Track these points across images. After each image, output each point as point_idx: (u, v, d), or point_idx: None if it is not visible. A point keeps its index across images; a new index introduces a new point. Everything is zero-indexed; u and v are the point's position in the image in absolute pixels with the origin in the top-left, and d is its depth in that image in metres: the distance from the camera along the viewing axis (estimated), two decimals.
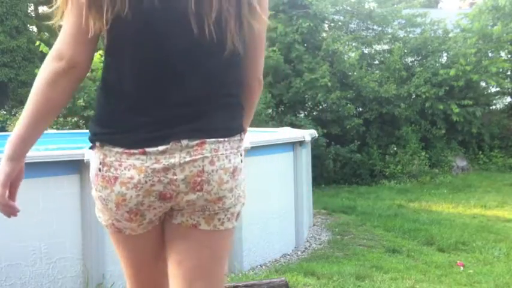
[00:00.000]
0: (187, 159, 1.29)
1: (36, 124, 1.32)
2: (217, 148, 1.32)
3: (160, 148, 1.27)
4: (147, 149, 1.27)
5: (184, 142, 1.28)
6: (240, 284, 3.25)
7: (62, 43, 1.28)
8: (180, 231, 1.39)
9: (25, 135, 1.33)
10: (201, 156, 1.30)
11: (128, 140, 1.28)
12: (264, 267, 4.39)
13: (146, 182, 1.28)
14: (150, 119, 1.29)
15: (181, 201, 1.33)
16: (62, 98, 1.31)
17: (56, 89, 1.28)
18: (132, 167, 1.28)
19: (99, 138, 1.31)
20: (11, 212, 1.33)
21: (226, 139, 1.34)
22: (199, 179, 1.31)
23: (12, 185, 1.33)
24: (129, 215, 1.33)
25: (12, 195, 1.33)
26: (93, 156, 1.35)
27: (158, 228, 1.42)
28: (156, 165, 1.28)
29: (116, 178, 1.29)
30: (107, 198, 1.32)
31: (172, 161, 1.28)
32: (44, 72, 1.28)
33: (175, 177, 1.29)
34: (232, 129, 1.37)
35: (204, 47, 1.28)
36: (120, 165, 1.29)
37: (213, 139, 1.32)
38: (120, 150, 1.28)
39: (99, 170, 1.31)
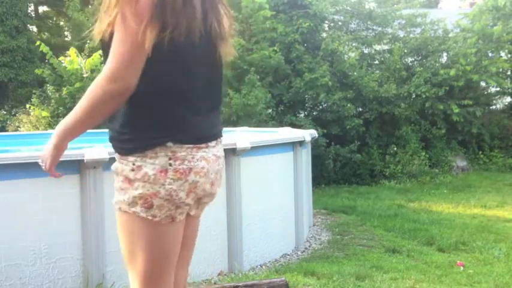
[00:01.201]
0: (222, 153, 1.70)
1: (83, 129, 1.56)
2: (222, 146, 1.74)
3: (213, 143, 1.64)
4: (209, 144, 1.61)
5: (220, 139, 1.69)
6: (240, 284, 3.25)
7: (118, 64, 1.43)
8: (191, 221, 1.72)
9: (70, 135, 1.58)
10: (223, 153, 1.73)
11: (196, 137, 1.57)
12: (264, 267, 4.39)
13: (210, 170, 1.61)
14: (208, 120, 1.62)
15: (214, 188, 1.67)
16: (109, 113, 1.53)
17: (108, 108, 1.49)
18: (203, 158, 1.58)
19: (170, 139, 1.52)
20: (57, 174, 1.68)
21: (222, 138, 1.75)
22: (221, 170, 1.71)
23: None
24: (192, 200, 1.60)
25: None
26: (149, 158, 1.52)
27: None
28: (213, 157, 1.63)
29: (190, 169, 1.55)
30: (179, 189, 1.54)
31: (218, 153, 1.66)
32: (98, 91, 1.46)
33: (218, 167, 1.67)
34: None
35: (218, 65, 1.67)
36: (192, 158, 1.55)
37: (222, 138, 1.72)
38: (190, 146, 1.55)
39: (170, 165, 1.52)
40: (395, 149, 10.79)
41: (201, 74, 1.59)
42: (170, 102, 1.53)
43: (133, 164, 1.53)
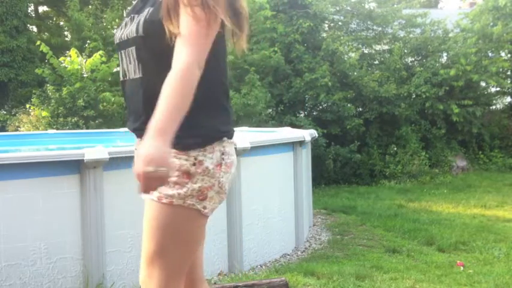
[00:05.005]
0: None
1: (178, 122, 1.42)
2: None
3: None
4: (234, 139, 1.71)
5: None
6: (240, 284, 3.25)
7: (202, 55, 1.49)
8: None
9: (172, 129, 1.40)
10: None
11: (233, 133, 1.69)
12: (264, 267, 4.39)
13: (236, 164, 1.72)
14: (232, 118, 1.73)
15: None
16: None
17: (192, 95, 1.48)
18: (234, 153, 1.69)
19: (225, 134, 1.63)
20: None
21: None
22: None
23: None
24: (226, 192, 1.68)
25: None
26: (208, 152, 1.58)
27: None
28: (235, 151, 1.73)
29: (232, 163, 1.66)
30: (226, 181, 1.64)
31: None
32: (192, 78, 1.45)
33: (236, 161, 1.73)
34: None
35: None
36: (233, 152, 1.67)
37: None
38: (231, 141, 1.66)
39: (223, 159, 1.61)
40: (395, 149, 10.79)
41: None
42: (224, 98, 1.66)
43: (195, 159, 1.56)
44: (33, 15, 17.66)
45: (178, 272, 1.65)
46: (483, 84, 11.92)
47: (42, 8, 18.89)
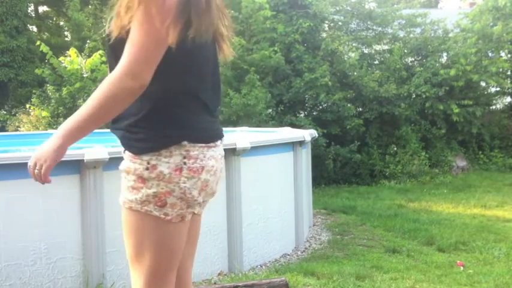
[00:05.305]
0: (223, 153, 1.74)
1: (89, 130, 1.50)
2: None
3: (218, 142, 1.67)
4: (216, 143, 1.65)
5: (223, 139, 1.72)
6: (240, 284, 3.25)
7: (136, 61, 1.41)
8: (195, 219, 1.74)
9: (77, 135, 1.50)
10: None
11: (208, 136, 1.61)
12: (264, 267, 4.39)
13: (218, 168, 1.66)
14: (215, 120, 1.67)
15: (217, 186, 1.71)
16: (122, 110, 1.48)
17: (123, 105, 1.46)
18: (212, 157, 1.62)
19: (186, 138, 1.54)
20: (48, 180, 1.54)
21: None
22: (223, 169, 1.77)
23: None
24: (202, 198, 1.62)
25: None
26: (163, 156, 1.52)
27: None
28: (219, 155, 1.67)
29: (202, 168, 1.58)
30: (192, 187, 1.56)
31: (222, 153, 1.71)
32: (114, 87, 1.42)
33: (222, 165, 1.71)
34: None
35: (218, 66, 1.72)
36: (204, 156, 1.58)
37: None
38: (203, 145, 1.58)
39: (184, 163, 1.54)
40: (395, 149, 10.79)
41: (209, 74, 1.64)
42: (186, 102, 1.56)
43: (148, 163, 1.52)
44: (33, 15, 17.66)
45: (159, 277, 1.61)
46: (483, 84, 11.92)
47: (42, 8, 18.89)
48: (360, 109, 11.12)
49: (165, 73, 1.49)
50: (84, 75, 8.82)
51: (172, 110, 1.54)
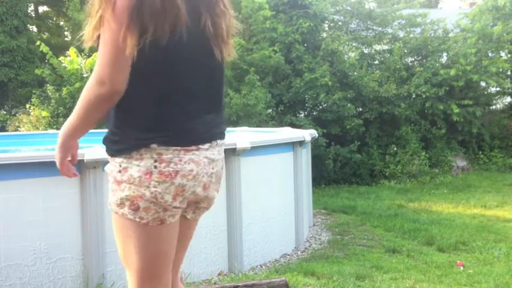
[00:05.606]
0: (219, 156, 1.65)
1: (82, 130, 1.59)
2: (222, 149, 1.69)
3: (206, 145, 1.58)
4: (200, 146, 1.56)
5: (218, 141, 1.64)
6: (240, 284, 3.25)
7: (102, 67, 1.45)
8: (187, 224, 1.72)
9: (75, 135, 1.60)
10: (222, 156, 1.68)
11: (184, 139, 1.53)
12: (264, 267, 4.39)
13: (200, 173, 1.57)
14: (201, 121, 1.57)
15: (210, 192, 1.64)
16: (102, 115, 1.54)
17: (99, 110, 1.51)
18: (191, 161, 1.54)
19: (155, 141, 1.50)
20: (70, 174, 1.67)
21: (224, 141, 1.71)
22: (220, 174, 1.67)
23: (72, 155, 1.67)
24: (180, 204, 1.56)
25: (73, 158, 1.68)
26: (135, 159, 1.51)
27: (179, 219, 1.65)
28: (205, 160, 1.58)
29: (176, 172, 1.51)
30: (164, 192, 1.51)
31: (212, 156, 1.61)
32: (88, 94, 1.49)
33: (213, 170, 1.62)
34: (225, 131, 1.72)
35: (217, 65, 1.62)
36: (180, 160, 1.52)
37: (222, 141, 1.68)
38: (178, 148, 1.51)
39: (155, 167, 1.49)
40: (395, 149, 10.79)
41: (194, 74, 1.56)
42: (156, 104, 1.51)
43: (120, 166, 1.53)
44: (33, 15, 17.67)
45: (148, 279, 1.60)
46: (483, 84, 11.93)
47: (42, 8, 18.89)
48: (360, 109, 11.12)
49: (137, 76, 1.47)
50: (84, 75, 8.82)
51: (142, 112, 1.51)
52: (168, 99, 1.52)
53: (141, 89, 1.50)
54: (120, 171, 1.53)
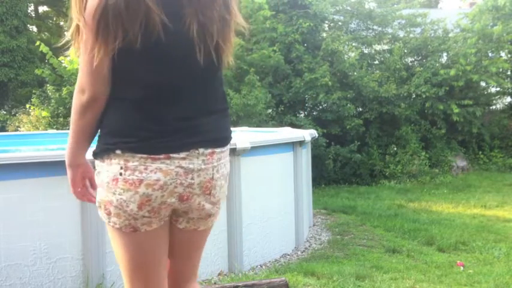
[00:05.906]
0: (203, 166, 1.52)
1: (78, 142, 1.56)
2: (220, 157, 1.58)
3: (182, 154, 1.47)
4: (172, 155, 1.46)
5: (201, 150, 1.51)
6: (240, 284, 3.25)
7: (81, 76, 1.47)
8: (182, 234, 1.63)
9: (74, 149, 1.58)
10: (211, 165, 1.54)
11: (153, 147, 1.45)
12: (264, 267, 4.39)
13: (171, 183, 1.47)
14: (173, 129, 1.47)
15: (194, 203, 1.54)
16: (92, 122, 1.52)
17: (85, 118, 1.50)
18: (159, 170, 1.45)
19: (119, 147, 1.46)
20: (84, 198, 1.64)
21: (224, 148, 1.61)
22: (209, 184, 1.55)
23: (87, 178, 1.63)
24: (149, 213, 1.49)
25: (91, 182, 1.63)
26: (106, 164, 1.49)
27: (166, 227, 1.58)
28: (179, 169, 1.47)
29: (140, 181, 1.45)
30: (129, 200, 1.46)
31: (191, 166, 1.49)
32: (74, 103, 1.51)
33: (192, 181, 1.50)
34: (228, 138, 1.63)
35: (204, 68, 1.50)
36: (145, 169, 1.45)
37: (219, 149, 1.57)
38: (144, 155, 1.45)
39: (120, 174, 1.45)
40: (395, 149, 10.79)
41: (173, 79, 1.49)
42: (127, 109, 1.47)
43: (95, 169, 1.56)
44: (33, 15, 17.67)
45: (136, 280, 1.57)
46: (483, 84, 11.93)
47: (42, 8, 18.89)
48: (360, 109, 11.12)
49: (113, 81, 1.47)
50: None
51: (113, 117, 1.49)
52: (139, 106, 1.46)
53: (115, 93, 1.48)
54: (96, 175, 1.55)
